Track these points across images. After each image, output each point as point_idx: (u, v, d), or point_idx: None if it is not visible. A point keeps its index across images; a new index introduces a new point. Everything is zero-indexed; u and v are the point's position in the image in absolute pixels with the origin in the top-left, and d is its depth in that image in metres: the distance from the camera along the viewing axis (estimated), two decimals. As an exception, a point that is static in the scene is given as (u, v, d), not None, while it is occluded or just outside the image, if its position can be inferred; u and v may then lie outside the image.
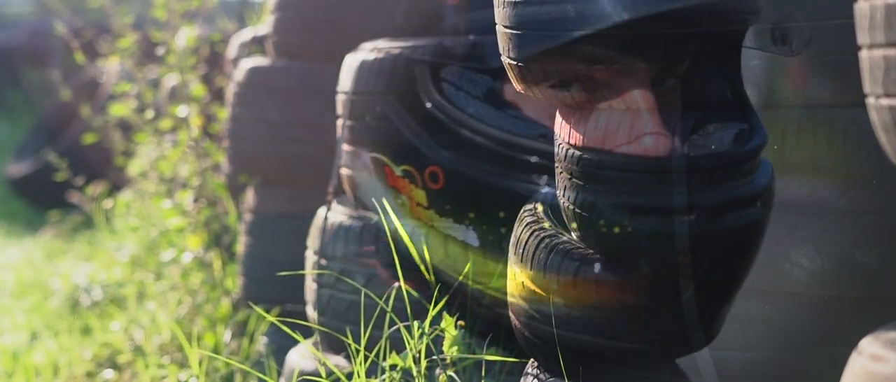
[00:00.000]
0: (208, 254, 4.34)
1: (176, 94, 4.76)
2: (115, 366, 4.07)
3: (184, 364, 3.79)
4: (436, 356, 2.54)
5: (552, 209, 2.28)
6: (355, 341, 2.67)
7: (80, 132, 6.61)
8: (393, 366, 2.55)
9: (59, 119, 8.46)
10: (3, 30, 13.03)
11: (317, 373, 2.83)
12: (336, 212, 3.00)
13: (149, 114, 4.79)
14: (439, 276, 2.73)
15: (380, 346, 2.58)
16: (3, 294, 5.66)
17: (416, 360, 2.51)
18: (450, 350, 2.52)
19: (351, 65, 2.98)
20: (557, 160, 2.26)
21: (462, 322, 2.57)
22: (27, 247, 6.88)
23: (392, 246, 2.68)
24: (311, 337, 3.05)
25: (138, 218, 5.31)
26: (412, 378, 2.53)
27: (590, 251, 2.15)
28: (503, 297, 2.42)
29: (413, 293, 2.62)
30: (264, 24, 4.33)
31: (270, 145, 3.93)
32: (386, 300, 2.63)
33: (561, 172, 2.25)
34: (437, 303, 2.55)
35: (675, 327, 2.15)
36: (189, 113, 4.52)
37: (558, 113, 2.30)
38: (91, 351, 4.20)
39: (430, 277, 2.66)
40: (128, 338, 4.18)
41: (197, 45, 4.64)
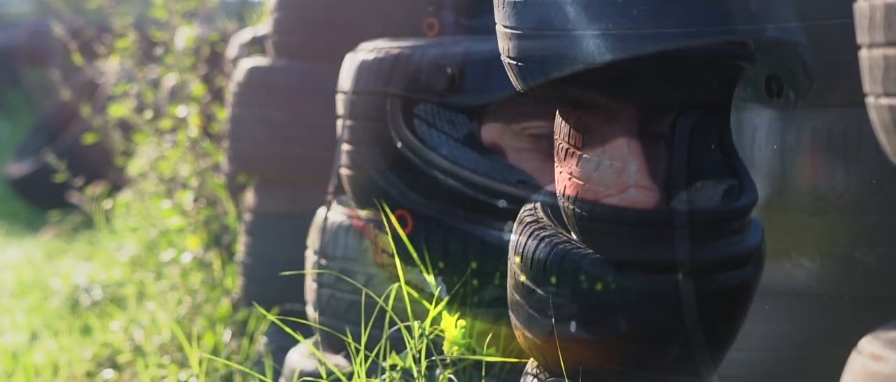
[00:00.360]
0: (208, 254, 4.34)
1: (176, 94, 4.76)
2: (115, 366, 4.07)
3: (184, 363, 3.79)
4: (436, 356, 2.53)
5: (552, 209, 2.26)
6: (355, 341, 2.67)
7: (80, 132, 6.61)
8: (393, 366, 2.55)
9: (59, 119, 8.46)
10: (3, 30, 13.02)
11: (317, 373, 2.82)
12: (336, 212, 3.00)
13: (148, 114, 4.79)
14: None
15: (380, 346, 2.58)
16: (3, 294, 5.65)
17: (417, 360, 2.51)
18: (450, 350, 2.52)
19: (351, 65, 2.98)
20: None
21: (462, 322, 2.57)
22: (27, 247, 6.87)
23: (393, 247, 2.67)
24: (311, 337, 3.05)
25: (138, 219, 5.31)
26: (412, 378, 2.53)
27: (589, 251, 2.12)
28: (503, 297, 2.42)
29: (413, 293, 2.62)
30: (264, 24, 4.33)
31: (270, 145, 3.93)
32: (386, 299, 2.62)
33: (541, 215, 2.15)
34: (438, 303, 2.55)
35: None
36: (188, 113, 4.51)
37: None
38: (91, 351, 4.20)
39: (430, 279, 2.66)
40: (128, 338, 4.18)
41: (196, 45, 4.64)
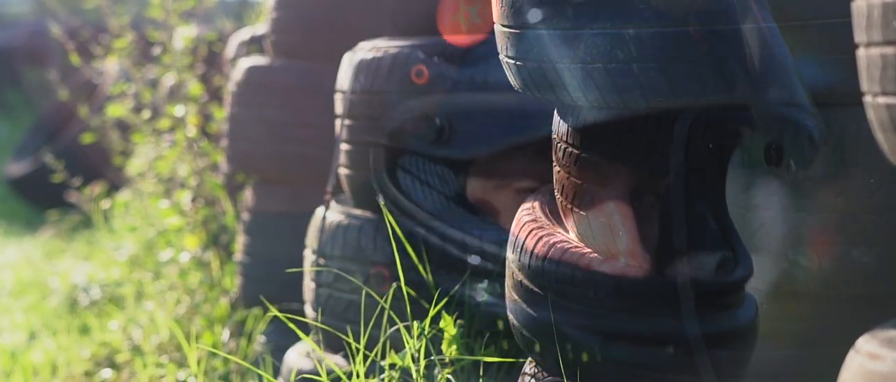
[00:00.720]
0: (206, 254, 4.34)
1: (173, 94, 4.76)
2: (114, 365, 4.07)
3: (182, 363, 3.79)
4: (434, 355, 2.53)
5: (550, 208, 2.26)
6: (354, 340, 2.67)
7: (79, 132, 6.61)
8: (392, 365, 2.55)
9: (58, 119, 8.45)
10: (2, 30, 13.01)
11: (315, 372, 2.82)
12: (334, 212, 3.00)
13: (146, 114, 4.79)
14: None
15: (379, 345, 2.58)
16: (2, 293, 5.65)
17: (415, 359, 2.51)
18: (448, 349, 2.52)
19: (349, 64, 2.98)
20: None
21: (461, 322, 2.57)
22: (26, 247, 6.87)
23: (393, 246, 2.67)
24: (309, 337, 3.05)
25: (136, 218, 5.31)
26: (411, 377, 2.53)
27: (588, 250, 2.10)
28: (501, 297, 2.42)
29: (412, 293, 2.62)
30: (263, 24, 4.33)
31: (269, 144, 3.93)
32: (385, 299, 2.62)
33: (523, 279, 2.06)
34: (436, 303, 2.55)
35: None
36: (186, 112, 4.51)
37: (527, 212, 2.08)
38: (89, 351, 4.20)
39: (428, 278, 2.66)
40: (126, 338, 4.18)
41: (194, 45, 4.63)
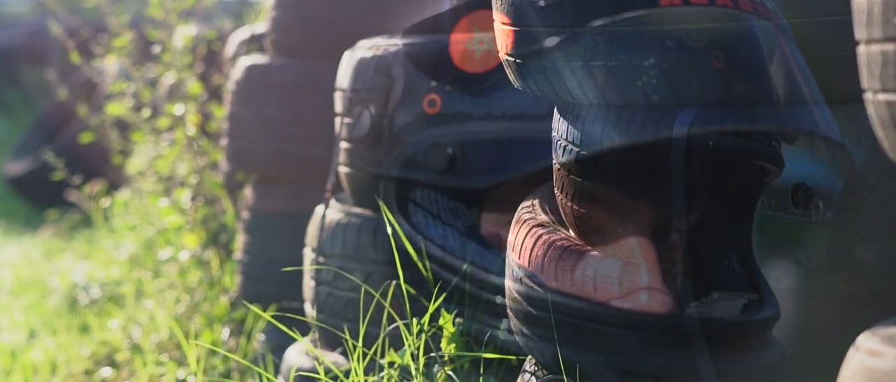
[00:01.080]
0: (206, 253, 4.34)
1: (173, 93, 4.76)
2: (114, 364, 4.07)
3: (182, 361, 3.79)
4: (434, 353, 2.53)
5: (550, 206, 2.25)
6: (353, 338, 2.67)
7: (79, 131, 6.60)
8: (391, 364, 2.54)
9: (58, 118, 8.45)
10: (1, 29, 13.01)
11: (315, 370, 2.82)
12: (334, 210, 3.00)
13: (146, 112, 4.79)
14: None
15: (378, 344, 2.58)
16: (2, 292, 5.65)
17: (415, 357, 2.51)
18: (447, 347, 2.52)
19: (349, 63, 2.97)
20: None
21: (460, 320, 2.57)
22: (26, 246, 6.87)
23: (393, 244, 2.67)
24: (309, 335, 3.05)
25: (136, 217, 5.31)
26: (410, 375, 2.53)
27: (588, 247, 2.09)
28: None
29: (411, 291, 2.62)
30: (263, 23, 4.33)
31: (269, 143, 3.93)
32: (384, 297, 2.62)
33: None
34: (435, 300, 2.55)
35: None
36: (186, 111, 4.51)
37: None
38: (89, 349, 4.20)
39: (428, 275, 2.65)
40: (126, 336, 4.18)
41: (193, 44, 4.63)
